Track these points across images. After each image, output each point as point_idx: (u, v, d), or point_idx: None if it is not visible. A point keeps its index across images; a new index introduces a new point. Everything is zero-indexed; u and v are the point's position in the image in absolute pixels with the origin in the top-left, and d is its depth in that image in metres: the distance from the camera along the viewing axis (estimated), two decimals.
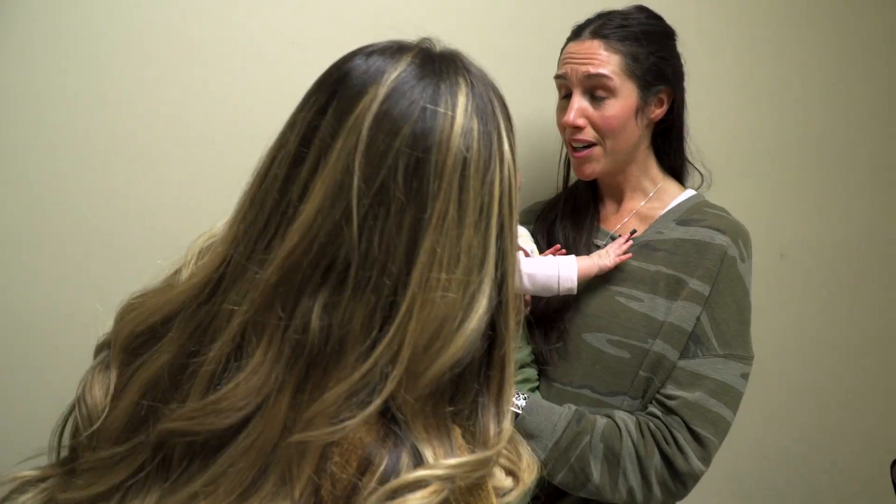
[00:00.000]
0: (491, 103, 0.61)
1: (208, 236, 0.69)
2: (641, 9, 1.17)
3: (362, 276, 0.56)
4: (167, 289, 0.65)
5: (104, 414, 0.62)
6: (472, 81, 0.60)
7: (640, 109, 1.13)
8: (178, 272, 0.68)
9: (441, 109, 0.57)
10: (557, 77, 1.17)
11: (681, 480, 1.02)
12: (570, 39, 1.18)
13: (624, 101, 1.11)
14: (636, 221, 1.21)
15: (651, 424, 1.04)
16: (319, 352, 0.56)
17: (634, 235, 1.18)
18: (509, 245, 0.61)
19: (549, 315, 1.16)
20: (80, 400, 0.64)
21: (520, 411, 1.07)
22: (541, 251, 1.24)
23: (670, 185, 1.23)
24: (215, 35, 1.20)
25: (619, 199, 1.25)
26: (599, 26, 1.13)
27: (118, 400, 0.62)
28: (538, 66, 1.30)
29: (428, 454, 0.55)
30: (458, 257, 0.57)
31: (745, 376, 1.07)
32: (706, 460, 1.03)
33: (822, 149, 1.86)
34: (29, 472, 0.65)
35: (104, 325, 0.69)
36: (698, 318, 1.07)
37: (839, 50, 1.85)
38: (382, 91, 0.57)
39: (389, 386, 0.55)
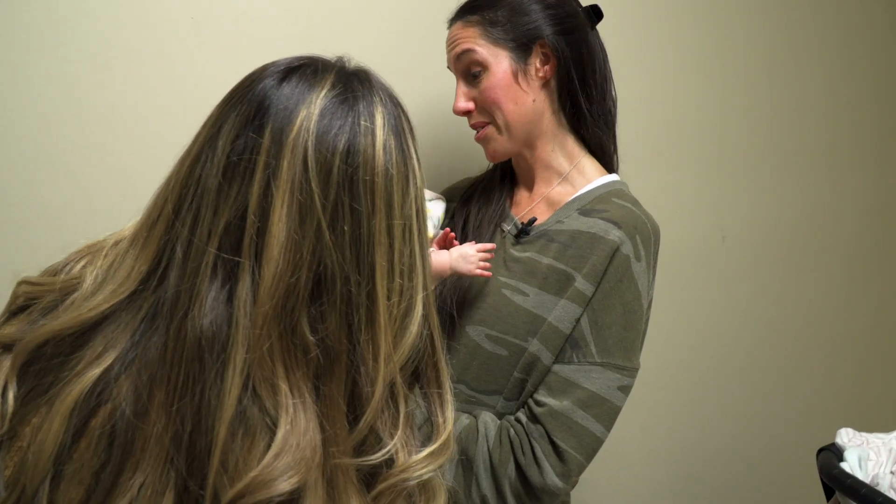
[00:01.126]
0: (399, 119, 0.63)
1: (116, 238, 0.65)
2: None
3: (343, 290, 0.58)
4: (77, 304, 0.61)
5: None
6: (383, 98, 0.63)
7: (520, 71, 1.04)
8: (75, 277, 0.64)
9: (364, 125, 0.60)
10: (449, 70, 1.12)
11: (535, 495, 0.95)
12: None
13: (497, 69, 1.04)
14: (544, 207, 1.12)
15: (512, 431, 0.97)
16: (321, 366, 0.58)
17: (535, 223, 1.09)
18: (427, 253, 0.65)
19: (440, 301, 1.08)
20: None
21: None
22: (454, 229, 1.16)
23: (589, 165, 1.12)
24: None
25: (531, 182, 1.15)
26: (458, 10, 1.09)
27: (37, 427, 0.56)
28: None
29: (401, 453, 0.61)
30: (396, 269, 0.61)
31: (623, 389, 0.99)
32: (565, 476, 0.95)
33: (763, 127, 1.76)
34: None
35: None
36: (578, 321, 0.99)
37: (785, 21, 1.73)
38: (315, 110, 0.59)
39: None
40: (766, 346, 1.84)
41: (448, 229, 1.09)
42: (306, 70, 0.62)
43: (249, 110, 0.59)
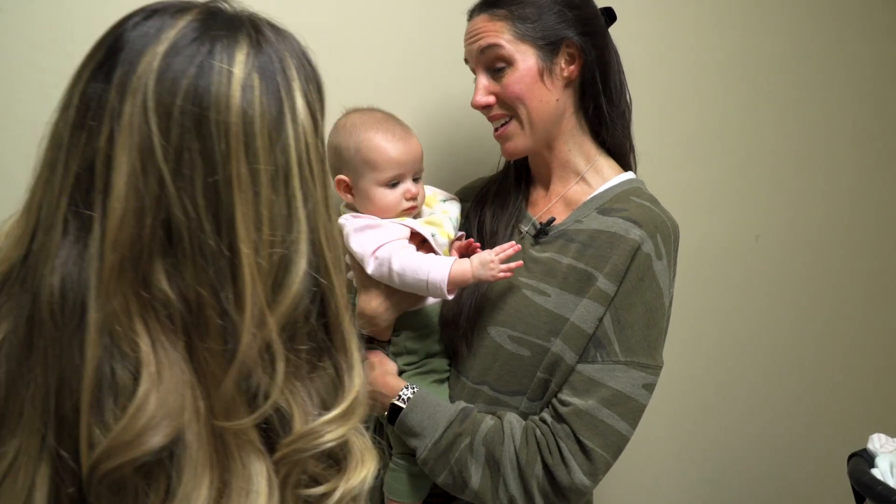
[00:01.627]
0: (282, 62, 0.58)
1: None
2: None
3: (194, 240, 0.54)
4: None
5: None
6: (258, 41, 0.58)
7: (546, 70, 1.03)
8: None
9: (217, 65, 0.55)
10: (467, 63, 1.10)
11: (563, 494, 0.95)
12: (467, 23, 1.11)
13: (523, 66, 1.03)
14: (562, 207, 1.11)
15: (538, 431, 0.97)
16: (189, 321, 0.55)
17: (554, 224, 1.08)
18: (321, 209, 0.59)
19: (461, 302, 1.08)
20: None
21: (402, 405, 1.01)
22: (470, 231, 1.17)
23: (605, 164, 1.12)
24: None
25: (547, 181, 1.14)
26: (482, 2, 1.07)
27: None
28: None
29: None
30: (265, 219, 0.56)
31: (648, 387, 0.98)
32: (593, 475, 0.95)
33: (795, 125, 1.74)
34: None
35: None
36: (601, 320, 0.98)
37: (816, 18, 1.71)
38: (161, 49, 0.55)
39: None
40: (798, 345, 1.82)
41: (471, 240, 1.10)
42: (167, 10, 0.58)
43: (101, 55, 0.57)
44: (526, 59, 1.03)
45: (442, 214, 1.14)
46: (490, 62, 1.04)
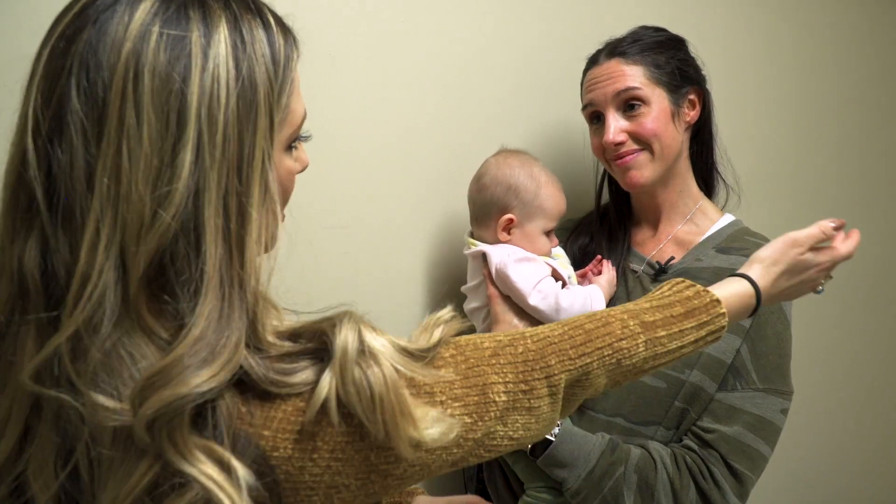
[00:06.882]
0: (203, 8, 0.57)
1: None
2: (645, 26, 1.19)
3: (55, 204, 0.55)
4: None
5: None
6: None
7: (675, 114, 1.13)
8: None
9: (118, 14, 0.55)
10: (585, 107, 1.18)
11: None
12: (587, 68, 1.20)
13: (657, 107, 1.12)
14: (673, 247, 1.19)
15: (688, 458, 1.03)
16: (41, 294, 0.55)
17: (672, 262, 1.16)
18: (208, 160, 0.56)
19: None
20: None
21: (552, 438, 1.05)
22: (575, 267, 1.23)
23: (708, 206, 1.21)
24: None
25: (655, 222, 1.22)
26: (614, 47, 1.16)
27: None
28: (561, 80, 1.33)
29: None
30: (139, 170, 0.54)
31: (784, 412, 1.05)
32: (743, 497, 1.02)
33: (859, 160, 1.83)
34: None
35: None
36: (738, 351, 1.05)
37: (873, 50, 1.82)
38: (74, 10, 0.56)
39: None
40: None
41: (599, 256, 1.18)
42: None
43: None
44: (660, 100, 1.12)
45: (565, 258, 1.21)
46: (624, 102, 1.12)
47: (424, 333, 0.64)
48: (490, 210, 1.13)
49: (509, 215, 1.12)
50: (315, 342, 0.59)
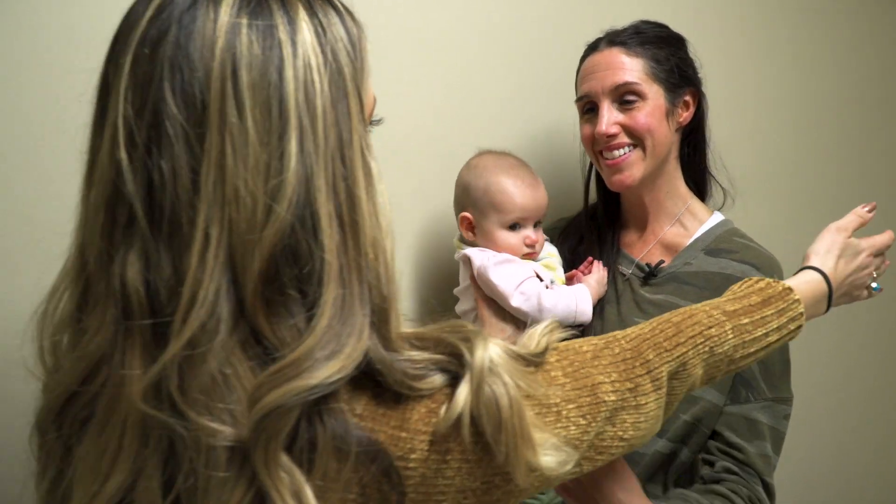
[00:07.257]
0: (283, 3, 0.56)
1: None
2: (647, 21, 1.18)
3: (157, 216, 0.53)
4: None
5: None
6: None
7: (669, 112, 1.12)
8: None
9: (202, 11, 0.54)
10: (580, 98, 1.16)
11: None
12: (586, 55, 1.18)
13: (653, 103, 1.10)
14: (661, 249, 1.18)
15: (742, 491, 1.00)
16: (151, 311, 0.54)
17: (663, 266, 1.14)
18: (312, 148, 0.55)
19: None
20: None
21: None
22: (566, 267, 1.22)
23: (697, 206, 1.20)
24: None
25: (643, 223, 1.21)
26: (615, 36, 1.14)
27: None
28: (554, 80, 1.32)
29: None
30: (247, 166, 0.53)
31: (787, 417, 1.06)
32: None
33: (859, 160, 1.82)
34: None
35: None
36: None
37: (873, 50, 1.82)
38: (148, 13, 0.55)
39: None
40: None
41: (590, 258, 1.18)
42: None
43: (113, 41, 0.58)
44: (657, 97, 1.10)
45: (552, 258, 1.19)
46: (621, 94, 1.10)
47: (529, 341, 0.65)
48: (456, 212, 1.16)
49: (464, 213, 1.13)
50: (442, 352, 0.59)
